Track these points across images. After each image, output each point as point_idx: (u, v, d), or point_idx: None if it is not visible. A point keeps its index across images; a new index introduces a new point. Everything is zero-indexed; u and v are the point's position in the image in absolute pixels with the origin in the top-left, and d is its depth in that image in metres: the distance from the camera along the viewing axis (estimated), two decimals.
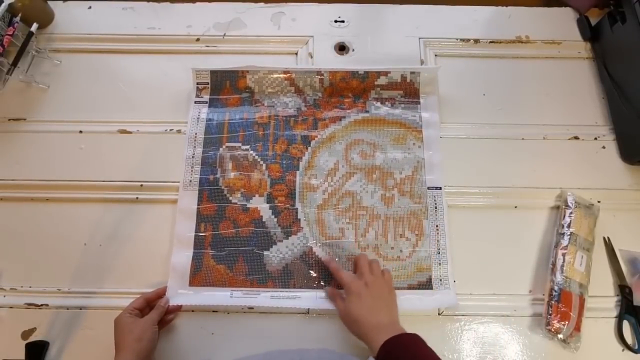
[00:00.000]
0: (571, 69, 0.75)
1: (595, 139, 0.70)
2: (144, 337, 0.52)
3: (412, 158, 0.68)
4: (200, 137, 0.69)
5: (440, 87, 0.72)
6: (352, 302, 0.53)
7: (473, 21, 0.79)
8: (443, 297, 0.60)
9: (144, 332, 0.52)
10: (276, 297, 0.60)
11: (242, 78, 0.71)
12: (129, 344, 0.51)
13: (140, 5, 0.80)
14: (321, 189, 0.66)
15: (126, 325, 0.53)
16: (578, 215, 0.63)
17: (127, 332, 0.52)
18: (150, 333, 0.53)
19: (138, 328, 0.52)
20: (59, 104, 0.72)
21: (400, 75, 0.70)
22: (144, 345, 0.51)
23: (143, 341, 0.51)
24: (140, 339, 0.51)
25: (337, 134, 0.69)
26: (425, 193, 0.66)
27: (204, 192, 0.65)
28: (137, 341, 0.51)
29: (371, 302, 0.52)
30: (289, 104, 0.71)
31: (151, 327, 0.53)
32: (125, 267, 0.63)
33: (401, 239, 0.63)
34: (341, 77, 0.70)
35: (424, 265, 0.62)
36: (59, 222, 0.65)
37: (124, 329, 0.52)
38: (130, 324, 0.53)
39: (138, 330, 0.52)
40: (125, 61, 0.76)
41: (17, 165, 0.68)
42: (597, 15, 0.77)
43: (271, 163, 0.67)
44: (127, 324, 0.53)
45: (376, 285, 0.54)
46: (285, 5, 0.80)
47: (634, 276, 0.62)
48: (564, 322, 0.57)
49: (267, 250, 0.63)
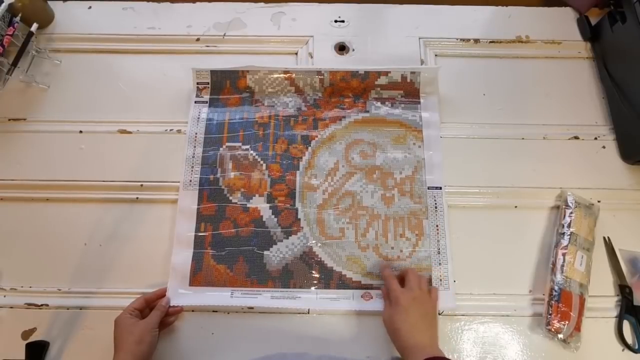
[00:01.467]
0: (571, 69, 0.75)
1: (595, 138, 0.71)
2: (143, 339, 0.52)
3: (412, 158, 0.68)
4: (201, 137, 0.69)
5: (440, 87, 0.72)
6: (398, 313, 0.53)
7: (473, 21, 0.79)
8: (443, 297, 0.60)
9: (144, 334, 0.52)
10: (276, 297, 0.60)
11: (242, 78, 0.71)
12: (129, 346, 0.51)
13: (140, 5, 0.80)
14: (321, 188, 0.66)
15: (127, 326, 0.53)
16: (578, 215, 0.63)
17: (127, 333, 0.52)
18: (150, 336, 0.52)
19: (138, 330, 0.52)
20: (59, 104, 0.72)
21: (401, 75, 0.70)
22: (143, 348, 0.51)
23: (143, 344, 0.51)
24: (140, 342, 0.51)
25: (337, 134, 0.69)
26: (425, 193, 0.66)
27: (204, 192, 0.65)
28: (137, 344, 0.51)
29: (416, 319, 0.53)
30: (289, 104, 0.71)
31: (151, 330, 0.53)
32: (125, 267, 0.63)
33: (401, 238, 0.63)
34: (341, 77, 0.70)
35: (424, 265, 0.62)
36: (59, 222, 0.65)
37: (124, 329, 0.52)
38: (131, 326, 0.53)
39: (138, 332, 0.52)
40: (125, 61, 0.76)
41: (17, 165, 0.68)
42: (597, 15, 0.77)
43: (271, 163, 0.67)
44: (127, 325, 0.53)
45: (423, 302, 0.55)
46: (285, 5, 0.80)
47: (634, 276, 0.62)
48: (564, 322, 0.57)
49: (267, 250, 0.63)
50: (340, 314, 0.60)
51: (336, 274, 0.62)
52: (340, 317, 0.60)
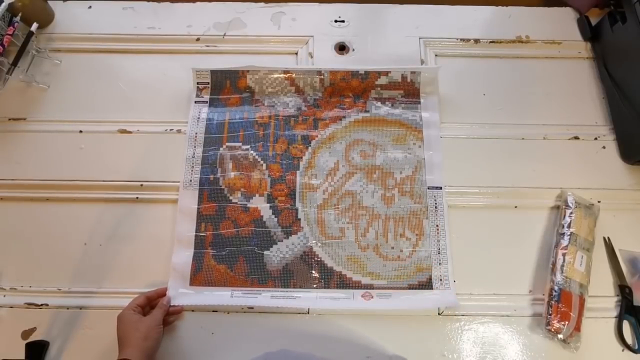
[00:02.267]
0: (571, 69, 0.75)
1: (595, 138, 0.71)
2: (150, 335, 0.52)
3: (412, 158, 0.68)
4: (201, 136, 0.69)
5: (440, 87, 0.72)
6: None
7: (473, 21, 0.79)
8: (443, 297, 0.60)
9: (150, 330, 0.52)
10: (276, 297, 0.60)
11: (243, 78, 0.71)
12: (136, 342, 0.51)
13: (140, 5, 0.80)
14: (321, 188, 0.66)
15: (132, 322, 0.53)
16: (578, 215, 0.63)
17: (134, 329, 0.52)
18: (156, 332, 0.53)
19: (144, 326, 0.53)
20: (59, 104, 0.72)
21: (401, 75, 0.70)
22: (150, 343, 0.52)
23: (149, 340, 0.52)
24: (147, 337, 0.52)
25: (337, 134, 0.69)
26: (425, 193, 0.66)
27: (204, 192, 0.65)
28: (144, 339, 0.51)
29: None
30: (289, 104, 0.71)
31: (157, 326, 0.54)
32: (125, 267, 0.63)
33: (401, 238, 0.63)
34: (342, 77, 0.70)
35: (424, 265, 0.62)
36: (59, 222, 0.65)
37: (130, 326, 0.53)
38: (137, 322, 0.53)
39: (144, 328, 0.52)
40: (125, 61, 0.76)
41: (17, 165, 0.68)
42: (597, 15, 0.77)
43: (271, 163, 0.67)
44: (132, 321, 0.53)
45: None
46: (285, 5, 0.80)
47: (634, 276, 0.62)
48: (564, 322, 0.57)
49: (268, 250, 0.63)
50: (340, 314, 0.60)
51: (336, 274, 0.62)
52: (340, 317, 0.60)
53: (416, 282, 0.61)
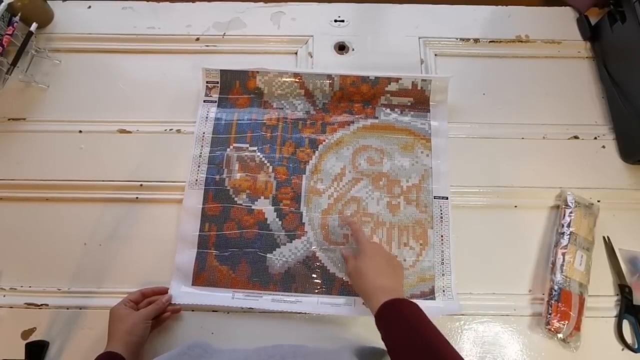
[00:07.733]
0: (571, 68, 0.75)
1: (595, 138, 0.71)
2: (134, 330, 0.53)
3: (419, 166, 0.67)
4: (208, 136, 0.68)
5: None
6: (363, 260, 0.54)
7: (473, 21, 0.79)
8: (446, 306, 0.59)
9: (135, 325, 0.53)
10: (277, 301, 0.60)
11: (252, 79, 0.70)
12: (120, 335, 0.52)
13: (140, 4, 0.80)
14: (327, 193, 0.66)
15: (119, 316, 0.54)
16: (578, 214, 0.63)
17: (119, 323, 0.53)
18: (141, 328, 0.53)
19: (130, 321, 0.53)
20: (59, 104, 0.72)
21: (411, 82, 0.69)
22: (133, 338, 0.52)
23: (133, 335, 0.52)
24: (131, 332, 0.52)
25: (345, 139, 0.69)
26: (431, 202, 0.65)
27: (210, 192, 0.65)
28: (128, 334, 0.52)
29: (381, 264, 0.54)
30: (298, 107, 0.70)
31: (143, 322, 0.54)
32: (125, 266, 0.63)
33: (405, 247, 0.63)
34: (351, 82, 0.69)
35: (427, 275, 0.61)
36: (59, 222, 0.65)
37: (117, 319, 0.54)
38: (124, 316, 0.54)
39: (130, 323, 0.53)
40: (124, 61, 0.76)
41: (17, 165, 0.68)
42: (597, 14, 0.77)
43: (278, 165, 0.67)
44: (121, 315, 0.54)
45: (387, 252, 0.57)
46: (285, 5, 0.80)
47: (633, 276, 0.62)
48: (564, 322, 0.57)
49: (271, 253, 0.62)
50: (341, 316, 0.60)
51: (338, 280, 0.61)
52: (340, 318, 0.60)
53: (418, 292, 0.61)
